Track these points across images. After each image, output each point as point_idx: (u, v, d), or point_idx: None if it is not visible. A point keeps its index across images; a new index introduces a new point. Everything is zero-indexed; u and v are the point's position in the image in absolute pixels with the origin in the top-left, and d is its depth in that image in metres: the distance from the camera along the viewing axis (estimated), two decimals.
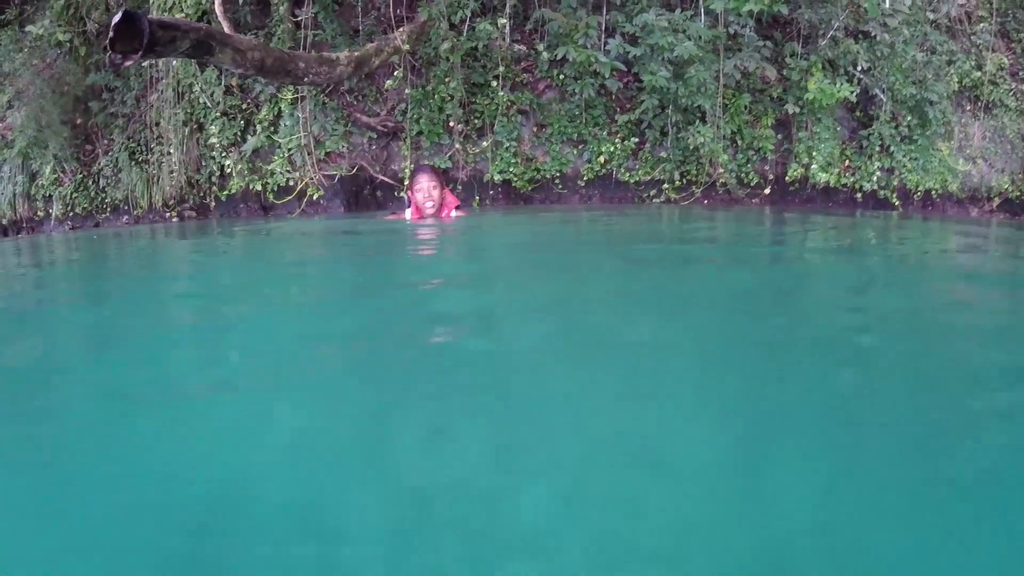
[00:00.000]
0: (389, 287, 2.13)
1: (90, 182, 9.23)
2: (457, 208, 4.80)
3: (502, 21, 7.30)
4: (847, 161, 8.23)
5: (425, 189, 4.55)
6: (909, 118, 8.63)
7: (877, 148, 8.31)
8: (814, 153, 7.81)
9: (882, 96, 8.42)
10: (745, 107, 7.68)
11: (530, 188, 7.32)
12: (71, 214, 9.43)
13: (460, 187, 7.08)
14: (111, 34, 4.49)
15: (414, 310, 1.80)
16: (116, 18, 4.45)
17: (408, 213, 4.83)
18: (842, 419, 1.04)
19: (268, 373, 1.37)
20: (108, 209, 9.10)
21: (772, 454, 0.94)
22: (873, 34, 8.31)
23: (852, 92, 7.83)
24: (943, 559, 0.69)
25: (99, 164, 9.10)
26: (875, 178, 8.20)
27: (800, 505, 0.78)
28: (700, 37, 7.29)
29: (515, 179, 7.26)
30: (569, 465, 0.87)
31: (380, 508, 0.77)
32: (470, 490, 0.80)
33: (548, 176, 7.34)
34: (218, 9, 7.28)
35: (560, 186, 7.38)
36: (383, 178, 7.29)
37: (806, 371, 1.29)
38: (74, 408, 1.28)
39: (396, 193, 7.33)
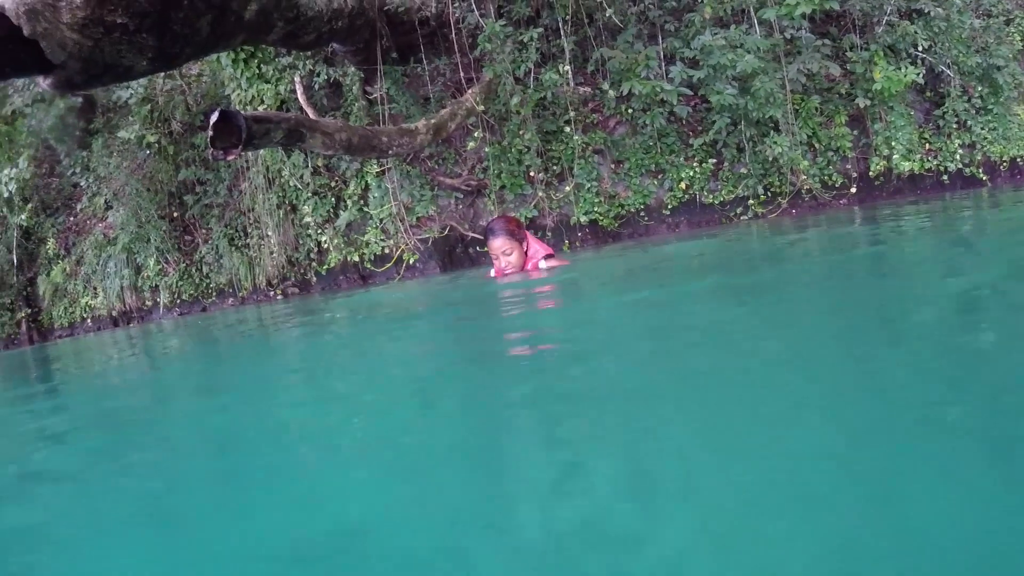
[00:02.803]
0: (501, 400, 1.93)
1: (193, 270, 9.87)
2: (548, 257, 4.48)
3: (565, 67, 7.53)
4: (927, 145, 8.17)
5: (498, 255, 4.31)
6: (980, 88, 8.51)
7: (954, 125, 8.23)
8: (893, 143, 7.78)
9: (948, 72, 8.33)
10: (816, 109, 7.71)
11: (616, 225, 7.52)
12: (178, 301, 10.09)
13: (548, 233, 7.34)
14: (211, 133, 4.81)
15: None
16: (214, 117, 4.76)
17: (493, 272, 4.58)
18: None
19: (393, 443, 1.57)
20: (213, 293, 9.72)
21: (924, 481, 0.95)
22: (927, 11, 8.23)
23: (918, 74, 7.78)
24: None
25: (200, 252, 9.73)
26: (958, 156, 8.12)
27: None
28: (759, 48, 7.37)
29: (600, 218, 7.48)
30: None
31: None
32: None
33: (632, 210, 7.52)
34: (301, 97, 7.74)
35: (646, 218, 7.56)
36: (473, 235, 7.62)
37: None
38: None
39: (479, 249, 7.61)
